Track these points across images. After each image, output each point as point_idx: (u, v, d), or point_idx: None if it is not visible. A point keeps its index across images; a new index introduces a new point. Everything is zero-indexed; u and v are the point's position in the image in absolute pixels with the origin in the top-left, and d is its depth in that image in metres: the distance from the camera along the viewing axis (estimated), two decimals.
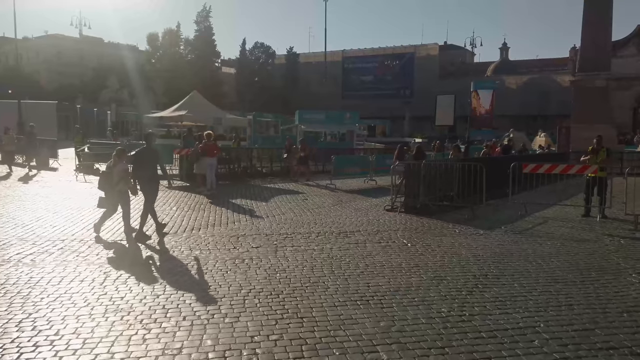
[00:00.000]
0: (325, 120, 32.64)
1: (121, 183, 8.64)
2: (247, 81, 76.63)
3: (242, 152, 20.08)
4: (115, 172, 8.66)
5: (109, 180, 8.71)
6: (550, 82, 69.45)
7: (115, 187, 8.64)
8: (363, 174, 19.30)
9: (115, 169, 8.68)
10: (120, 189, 8.69)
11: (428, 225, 10.69)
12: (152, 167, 9.17)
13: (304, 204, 13.56)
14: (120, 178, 8.63)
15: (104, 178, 8.87)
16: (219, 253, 7.93)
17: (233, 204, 13.24)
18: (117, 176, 8.62)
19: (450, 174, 13.23)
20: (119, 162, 8.73)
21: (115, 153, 8.85)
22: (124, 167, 8.79)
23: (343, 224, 10.62)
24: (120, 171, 8.68)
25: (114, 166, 8.72)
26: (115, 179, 8.61)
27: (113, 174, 8.67)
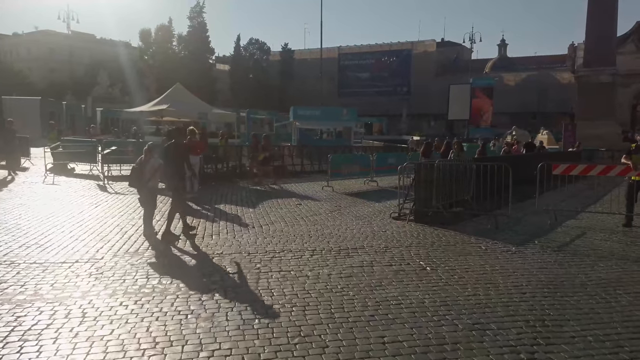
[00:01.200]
0: (321, 117, 30.71)
1: (152, 180, 8.25)
2: (241, 78, 74.56)
3: (231, 150, 18.09)
4: (147, 169, 8.19)
5: (140, 178, 8.23)
6: (549, 79, 67.69)
7: (147, 184, 8.22)
8: (363, 174, 17.38)
9: (147, 166, 8.20)
10: (151, 186, 8.31)
11: (446, 238, 8.78)
12: (180, 163, 8.66)
13: (297, 210, 11.63)
14: (151, 175, 8.20)
15: (134, 175, 8.39)
16: (182, 285, 5.98)
17: (215, 210, 11.28)
18: (148, 173, 8.18)
19: (466, 176, 11.35)
20: (150, 157, 8.27)
21: (146, 148, 8.39)
22: (156, 163, 8.27)
23: (343, 238, 8.69)
24: (152, 168, 8.21)
25: (145, 162, 8.23)
26: (146, 175, 8.17)
27: (144, 170, 8.21)
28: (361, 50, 76.10)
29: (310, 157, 21.82)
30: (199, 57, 71.45)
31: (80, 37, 79.92)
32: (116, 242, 7.97)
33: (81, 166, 18.37)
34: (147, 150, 8.36)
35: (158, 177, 8.42)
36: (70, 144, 18.38)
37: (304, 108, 32.51)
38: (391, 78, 72.91)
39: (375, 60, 74.12)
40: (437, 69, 72.32)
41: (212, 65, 77.42)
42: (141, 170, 8.25)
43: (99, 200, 12.26)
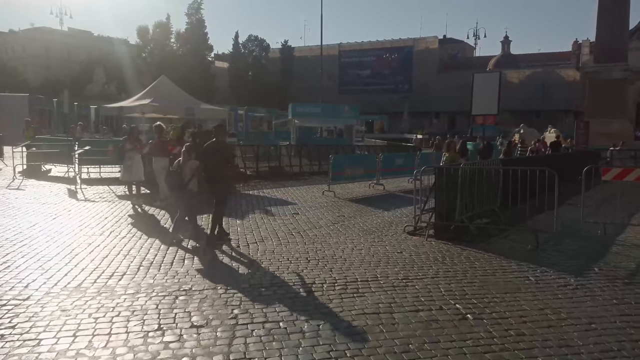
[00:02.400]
0: (321, 114, 28.79)
1: (192, 182, 7.63)
2: (240, 75, 72.69)
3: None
4: (186, 171, 7.60)
5: (179, 180, 7.62)
6: (553, 76, 65.75)
7: (187, 187, 7.59)
8: (368, 176, 15.47)
9: (186, 167, 7.61)
10: (192, 188, 7.68)
11: (479, 263, 6.86)
12: (222, 164, 7.92)
13: (292, 222, 9.72)
14: (191, 177, 7.58)
15: (173, 178, 7.80)
16: (118, 354, 4.07)
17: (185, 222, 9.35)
18: (187, 175, 7.58)
19: (493, 182, 9.45)
20: (189, 158, 7.67)
21: (184, 149, 7.82)
22: (195, 164, 7.67)
23: (349, 263, 6.78)
24: (191, 169, 7.60)
25: (184, 163, 7.63)
26: (185, 178, 7.58)
27: (183, 172, 7.59)
28: (362, 47, 74.11)
29: (310, 157, 19.93)
30: (198, 55, 69.60)
31: (77, 34, 78.15)
32: (54, 274, 6.06)
33: (59, 168, 16.44)
34: (185, 150, 7.73)
35: (198, 180, 7.70)
36: (45, 143, 16.42)
37: (304, 105, 30.60)
38: (392, 75, 70.97)
39: (376, 57, 72.13)
40: (439, 66, 70.36)
41: (210, 62, 75.48)
42: (180, 172, 7.62)
43: (61, 209, 10.33)
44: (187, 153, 7.71)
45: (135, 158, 10.68)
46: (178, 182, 7.65)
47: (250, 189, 14.32)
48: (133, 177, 10.78)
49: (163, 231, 8.61)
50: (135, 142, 10.83)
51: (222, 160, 7.88)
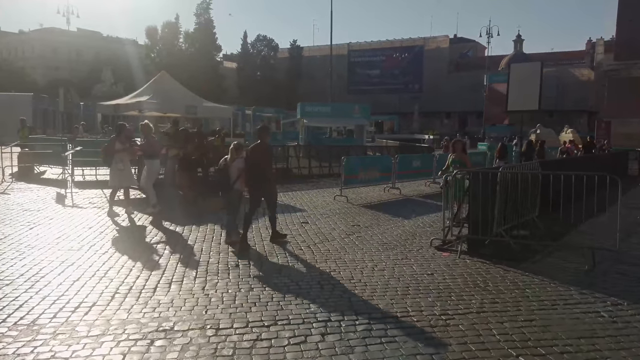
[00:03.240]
0: (330, 114, 27.52)
1: (238, 182, 7.47)
2: (249, 76, 71.62)
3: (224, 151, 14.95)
4: (232, 170, 7.43)
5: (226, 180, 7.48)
6: (567, 76, 63.85)
7: (233, 185, 7.47)
8: (383, 179, 14.18)
9: (232, 166, 7.44)
10: (238, 188, 7.54)
11: (532, 291, 5.54)
12: (268, 165, 7.78)
13: (301, 232, 8.46)
14: (237, 176, 7.42)
15: (220, 176, 7.66)
16: None
17: (176, 236, 8.11)
18: (234, 175, 7.42)
19: (532, 188, 8.13)
20: (236, 158, 7.49)
21: (232, 147, 7.64)
22: (241, 164, 7.43)
23: (371, 289, 5.51)
24: (238, 168, 7.43)
25: (231, 162, 7.48)
26: (232, 178, 7.42)
27: (230, 172, 7.44)
28: (371, 46, 72.70)
29: (319, 159, 18.67)
30: (206, 55, 68.55)
31: (86, 34, 77.62)
32: (7, 305, 4.85)
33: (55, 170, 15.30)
34: (233, 149, 7.52)
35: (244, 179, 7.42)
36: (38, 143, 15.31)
37: (313, 104, 29.38)
38: (402, 75, 69.51)
39: (385, 57, 70.70)
40: (449, 66, 68.79)
41: (219, 62, 74.46)
42: (227, 172, 7.40)
43: (42, 218, 9.15)
44: (234, 152, 7.45)
45: (125, 160, 9.48)
46: (224, 181, 7.40)
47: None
48: (123, 182, 9.56)
49: (150, 246, 7.38)
50: (126, 142, 9.63)
51: (269, 162, 7.60)
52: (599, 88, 64.87)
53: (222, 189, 7.63)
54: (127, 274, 5.88)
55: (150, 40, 71.33)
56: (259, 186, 7.39)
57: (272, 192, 7.73)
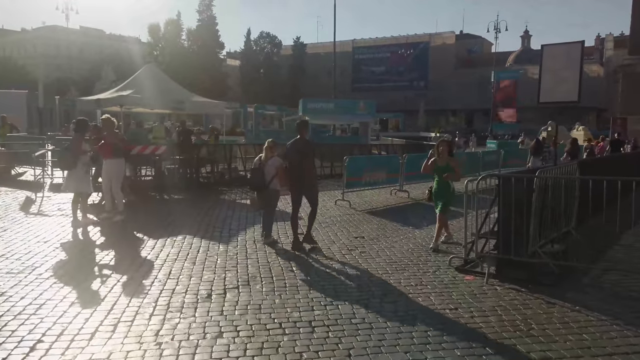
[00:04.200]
0: (334, 111, 26.09)
1: (274, 181, 6.99)
2: (252, 73, 70.30)
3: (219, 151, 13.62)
4: (268, 169, 6.97)
5: (261, 179, 6.99)
6: None
7: (269, 185, 7.01)
8: (389, 181, 12.78)
9: (267, 164, 6.98)
10: (273, 187, 7.05)
11: (592, 337, 4.15)
12: (309, 163, 7.09)
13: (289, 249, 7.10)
14: (273, 175, 6.95)
15: (255, 176, 7.12)
16: None
17: (144, 252, 6.76)
18: (269, 174, 6.95)
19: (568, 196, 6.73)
20: (271, 156, 7.04)
21: (266, 145, 7.15)
22: (277, 162, 7.01)
23: (378, 336, 4.14)
24: (273, 167, 6.96)
25: (265, 161, 7.02)
26: (267, 176, 6.95)
27: (265, 170, 6.97)
28: (376, 43, 71.12)
29: (321, 158, 17.27)
30: (209, 52, 67.32)
31: (89, 32, 76.63)
32: None
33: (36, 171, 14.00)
34: (268, 147, 7.16)
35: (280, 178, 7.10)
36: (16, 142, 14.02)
37: (315, 100, 27.97)
38: (408, 72, 67.92)
39: (391, 54, 69.12)
40: (456, 62, 67.15)
41: (222, 60, 73.19)
42: (262, 170, 7.07)
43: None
44: (269, 150, 7.08)
45: (89, 163, 8.16)
46: (260, 180, 7.03)
47: (242, 197, 11.72)
48: (82, 187, 8.21)
49: (106, 269, 6.03)
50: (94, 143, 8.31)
51: (309, 159, 7.14)
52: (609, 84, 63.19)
53: (258, 188, 7.17)
54: (64, 311, 4.54)
55: (153, 38, 70.22)
56: (299, 185, 6.99)
57: (313, 190, 7.23)
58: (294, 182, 7.01)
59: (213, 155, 13.66)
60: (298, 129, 7.29)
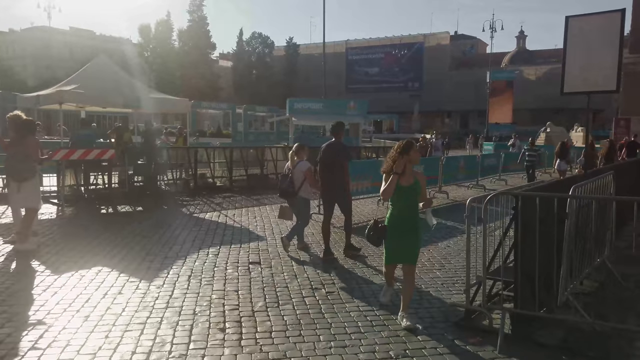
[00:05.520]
0: (322, 111, 24.24)
1: (304, 187, 6.55)
2: (244, 74, 68.43)
3: (181, 155, 11.80)
4: (295, 174, 6.51)
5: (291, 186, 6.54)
6: None
7: (298, 193, 6.54)
8: (376, 190, 10.91)
9: (295, 171, 6.53)
10: (303, 194, 6.62)
11: None
12: (342, 168, 6.48)
13: (243, 285, 5.26)
14: (302, 181, 6.51)
15: (284, 183, 6.64)
16: None
17: (74, 289, 4.93)
18: (298, 179, 6.51)
19: (604, 214, 4.97)
20: (299, 160, 6.60)
21: (293, 150, 6.74)
22: (305, 166, 6.55)
23: None
24: (301, 172, 6.50)
25: (293, 166, 6.58)
26: (296, 182, 6.51)
27: (293, 176, 6.54)
28: (370, 43, 69.37)
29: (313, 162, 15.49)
30: (200, 53, 65.44)
31: (79, 33, 74.66)
32: None
33: None
34: (293, 153, 6.67)
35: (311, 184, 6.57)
36: None
37: (303, 100, 26.16)
38: (402, 73, 66.22)
39: (385, 54, 67.39)
40: (450, 63, 65.49)
41: (214, 61, 71.31)
42: (290, 176, 6.54)
43: None
44: (296, 154, 6.70)
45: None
46: (289, 187, 6.61)
47: (206, 209, 9.88)
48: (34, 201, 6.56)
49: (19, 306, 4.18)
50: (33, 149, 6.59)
51: (343, 163, 6.52)
52: None
53: (287, 196, 6.72)
54: None
55: (144, 39, 68.37)
56: (332, 192, 6.51)
57: (346, 198, 6.70)
58: (325, 188, 6.55)
59: (176, 160, 11.83)
60: (333, 131, 6.73)
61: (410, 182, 4.30)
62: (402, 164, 4.27)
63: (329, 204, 6.66)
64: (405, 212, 4.34)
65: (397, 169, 4.26)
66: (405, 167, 4.28)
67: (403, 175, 4.27)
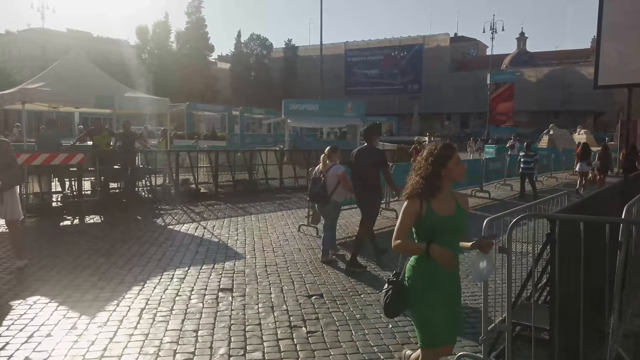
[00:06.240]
0: (318, 112, 23.24)
1: (337, 191, 6.23)
2: (242, 76, 67.51)
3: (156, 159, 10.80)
4: (328, 178, 6.21)
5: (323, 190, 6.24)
6: (574, 74, 59.44)
7: (330, 197, 6.22)
8: None
9: (329, 174, 6.23)
10: (336, 199, 6.29)
11: None
12: (374, 173, 6.20)
13: (208, 320, 4.23)
14: (335, 185, 6.19)
15: (315, 186, 6.40)
16: None
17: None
18: (331, 183, 6.21)
19: None
20: (332, 164, 6.29)
21: (326, 152, 6.39)
22: (339, 169, 6.26)
23: None
24: (335, 175, 6.20)
25: (325, 170, 6.27)
26: (329, 187, 6.21)
27: (326, 180, 6.23)
28: (369, 45, 68.48)
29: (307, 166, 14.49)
30: (198, 55, 64.55)
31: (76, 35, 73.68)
32: None
33: None
34: (325, 156, 6.32)
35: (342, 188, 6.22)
36: None
37: (299, 101, 25.18)
38: (401, 75, 65.31)
39: (384, 56, 66.49)
40: (450, 65, 64.57)
41: (212, 63, 70.44)
42: (322, 180, 6.23)
43: None
44: (328, 157, 6.30)
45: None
46: (321, 192, 6.23)
47: (184, 220, 8.86)
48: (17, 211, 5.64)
49: None
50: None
51: (374, 169, 6.15)
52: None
53: (319, 201, 6.45)
54: None
55: (141, 40, 67.50)
56: (366, 198, 6.21)
57: (372, 207, 6.33)
58: (358, 196, 6.25)
59: (155, 164, 10.82)
60: (366, 135, 6.35)
61: (451, 211, 2.66)
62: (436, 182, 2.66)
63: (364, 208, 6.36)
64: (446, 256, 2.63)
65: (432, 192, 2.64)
66: (442, 186, 2.67)
67: (436, 199, 2.65)
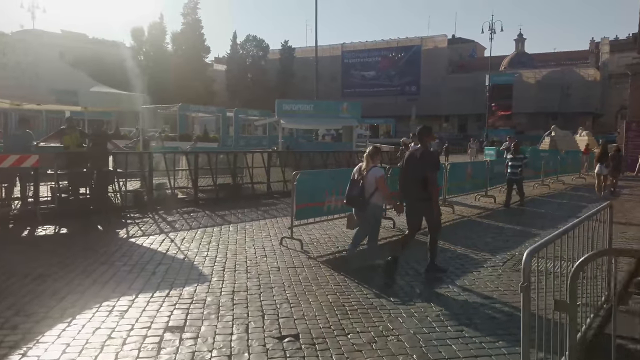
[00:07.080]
0: (312, 113, 22.11)
1: (376, 194, 5.82)
2: (238, 78, 66.37)
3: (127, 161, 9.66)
4: (368, 180, 5.81)
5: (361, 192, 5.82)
6: (572, 76, 58.45)
7: (369, 200, 5.82)
8: None
9: (367, 176, 5.82)
10: (375, 202, 5.90)
11: None
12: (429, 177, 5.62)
13: None
14: (375, 188, 5.79)
15: (353, 188, 5.91)
16: None
17: None
18: (369, 186, 5.79)
19: None
20: (373, 165, 5.90)
21: (367, 153, 6.02)
22: (378, 173, 5.90)
23: None
24: (373, 178, 5.81)
25: (366, 171, 5.86)
26: (367, 189, 5.80)
27: (365, 182, 5.82)
28: (366, 46, 67.47)
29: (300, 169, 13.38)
30: (194, 56, 63.42)
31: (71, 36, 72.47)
32: None
33: None
34: (368, 156, 5.92)
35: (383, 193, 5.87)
36: None
37: (292, 102, 24.04)
38: (399, 76, 64.29)
39: (381, 58, 65.48)
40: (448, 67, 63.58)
41: (208, 65, 69.28)
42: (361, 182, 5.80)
43: None
44: (370, 158, 5.90)
45: None
46: (359, 194, 5.80)
47: (151, 231, 7.71)
48: None
49: None
50: None
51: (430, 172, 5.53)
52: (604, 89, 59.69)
53: (356, 204, 5.90)
54: None
55: (136, 42, 66.38)
56: (419, 204, 5.61)
57: (432, 210, 5.67)
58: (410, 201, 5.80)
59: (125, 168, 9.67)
60: (419, 136, 5.86)
61: None
62: None
63: (413, 218, 5.79)
64: None
65: None
66: None
67: None
